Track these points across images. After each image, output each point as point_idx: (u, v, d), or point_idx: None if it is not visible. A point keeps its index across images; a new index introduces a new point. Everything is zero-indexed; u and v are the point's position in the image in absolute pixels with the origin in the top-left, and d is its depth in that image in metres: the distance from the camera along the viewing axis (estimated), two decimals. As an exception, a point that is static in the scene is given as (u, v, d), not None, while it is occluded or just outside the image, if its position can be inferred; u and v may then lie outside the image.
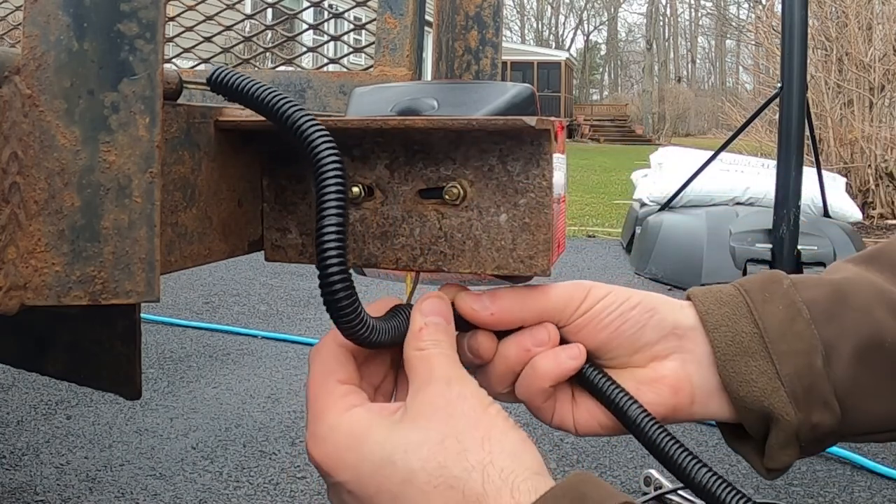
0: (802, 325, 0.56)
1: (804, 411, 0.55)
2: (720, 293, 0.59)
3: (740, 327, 0.57)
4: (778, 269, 2.99)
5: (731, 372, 0.56)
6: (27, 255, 0.46)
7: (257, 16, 1.32)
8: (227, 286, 4.15)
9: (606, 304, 0.58)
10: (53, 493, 1.86)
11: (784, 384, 0.55)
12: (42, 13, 0.45)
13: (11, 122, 0.45)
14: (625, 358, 0.59)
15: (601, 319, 0.57)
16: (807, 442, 0.56)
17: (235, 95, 0.53)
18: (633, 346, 0.58)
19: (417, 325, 0.53)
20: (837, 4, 8.22)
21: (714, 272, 4.25)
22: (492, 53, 1.05)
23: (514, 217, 0.55)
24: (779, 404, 0.55)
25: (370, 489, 0.48)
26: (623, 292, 0.59)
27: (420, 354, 0.52)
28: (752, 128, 7.18)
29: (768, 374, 0.55)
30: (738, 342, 0.57)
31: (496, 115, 0.57)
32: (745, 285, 0.59)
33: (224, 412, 2.42)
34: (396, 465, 0.48)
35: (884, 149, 7.83)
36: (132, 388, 0.91)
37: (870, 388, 0.56)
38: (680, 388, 0.58)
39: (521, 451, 0.49)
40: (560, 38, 50.69)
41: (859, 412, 0.56)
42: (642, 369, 0.59)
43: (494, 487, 0.46)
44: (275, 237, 0.62)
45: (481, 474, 0.47)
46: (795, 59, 4.10)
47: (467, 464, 0.47)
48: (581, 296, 0.58)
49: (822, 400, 0.55)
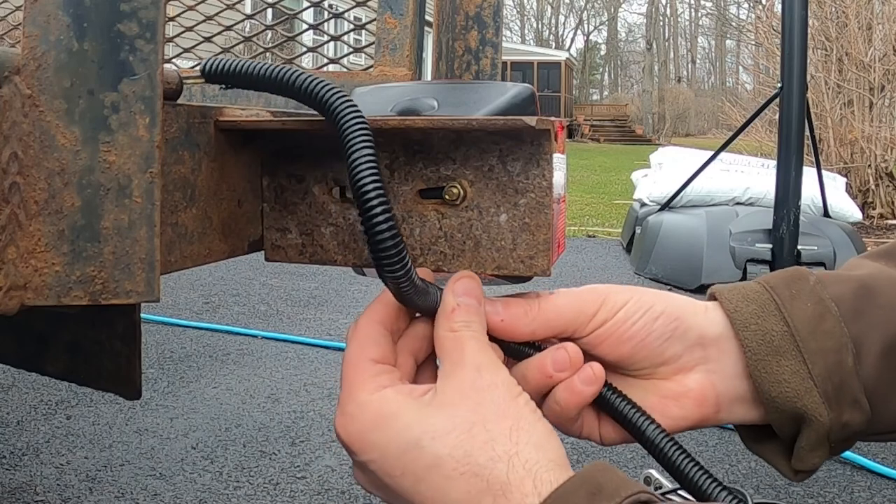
0: (832, 323, 0.55)
1: (836, 411, 0.54)
2: (746, 290, 0.57)
3: (769, 325, 0.55)
4: (778, 269, 3.00)
5: (763, 372, 0.55)
6: (27, 255, 0.46)
7: (257, 16, 1.32)
8: (227, 286, 4.15)
9: (628, 315, 0.55)
10: (53, 493, 1.86)
11: (816, 384, 0.54)
12: (42, 13, 0.45)
13: (11, 122, 0.45)
14: (649, 370, 0.57)
15: (624, 332, 0.55)
16: (836, 442, 0.55)
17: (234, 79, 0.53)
18: (659, 358, 0.56)
19: (450, 305, 0.52)
20: (837, 4, 8.22)
21: (714, 272, 4.25)
22: (492, 53, 1.05)
23: (514, 217, 0.55)
24: (812, 405, 0.54)
25: (396, 470, 0.49)
26: (644, 299, 0.56)
27: (452, 336, 0.52)
28: (752, 128, 7.18)
29: (801, 374, 0.54)
30: (769, 341, 0.55)
31: (496, 115, 0.57)
32: (771, 282, 0.57)
33: (224, 412, 2.42)
34: (424, 450, 0.48)
35: (884, 149, 7.83)
36: (132, 388, 0.91)
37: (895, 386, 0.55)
38: (705, 399, 0.57)
39: (545, 442, 0.49)
40: (560, 38, 50.69)
41: (886, 410, 0.55)
42: (666, 382, 0.57)
43: (518, 477, 0.47)
44: (275, 237, 0.62)
45: (507, 464, 0.47)
46: (795, 59, 4.10)
47: (493, 453, 0.47)
48: (595, 305, 0.55)
49: (852, 398, 0.54)
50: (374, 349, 0.53)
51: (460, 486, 0.47)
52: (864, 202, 7.64)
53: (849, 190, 6.26)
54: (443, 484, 0.47)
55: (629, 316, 0.55)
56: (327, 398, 2.57)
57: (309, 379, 2.76)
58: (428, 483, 0.48)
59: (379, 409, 0.50)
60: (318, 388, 2.67)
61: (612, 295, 0.56)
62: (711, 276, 4.25)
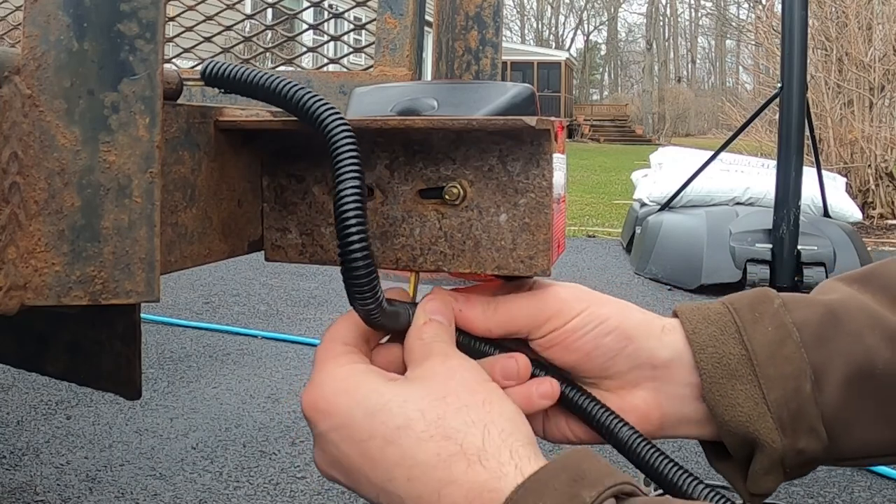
0: (792, 348, 0.54)
1: (790, 437, 0.53)
2: (708, 311, 0.57)
3: (728, 349, 0.55)
4: (778, 269, 3.01)
5: (716, 395, 0.55)
6: (27, 255, 0.46)
7: (257, 16, 1.32)
8: (227, 286, 4.15)
9: (578, 326, 0.55)
10: (53, 493, 1.86)
11: (771, 410, 0.53)
12: (42, 13, 0.45)
13: (11, 122, 0.45)
14: (594, 381, 0.57)
15: (572, 342, 0.55)
16: (792, 468, 0.55)
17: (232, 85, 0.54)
18: (605, 372, 0.57)
19: (421, 320, 0.54)
20: (837, 4, 8.22)
21: (714, 272, 4.25)
22: (492, 53, 1.05)
23: (514, 217, 0.55)
24: (764, 430, 0.53)
25: (362, 433, 0.47)
26: (601, 312, 0.56)
27: (421, 343, 0.53)
28: (752, 128, 7.18)
29: (755, 398, 0.54)
30: (726, 364, 0.55)
31: (496, 115, 0.57)
32: (735, 304, 0.57)
33: (224, 412, 2.42)
34: (392, 412, 0.47)
35: (884, 149, 7.83)
36: (132, 388, 0.91)
37: (859, 415, 0.54)
38: (648, 417, 0.57)
39: (518, 419, 0.49)
40: (560, 38, 50.70)
41: (847, 438, 0.55)
42: (611, 394, 0.57)
43: (494, 445, 0.46)
44: (275, 237, 0.62)
45: (482, 431, 0.46)
46: (795, 59, 4.10)
47: (468, 419, 0.47)
48: (551, 311, 0.55)
49: (808, 426, 0.54)
50: (346, 334, 0.54)
51: (430, 448, 0.46)
52: (864, 202, 7.65)
53: (849, 190, 6.27)
54: (412, 446, 0.46)
55: (579, 327, 0.55)
56: (327, 398, 2.57)
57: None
58: (396, 445, 0.46)
59: (347, 374, 0.50)
60: (318, 388, 2.67)
61: (571, 302, 0.56)
62: (711, 275, 4.25)
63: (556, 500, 0.43)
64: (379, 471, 0.47)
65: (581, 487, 0.44)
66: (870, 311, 0.56)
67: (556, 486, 0.44)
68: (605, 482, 0.44)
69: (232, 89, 0.54)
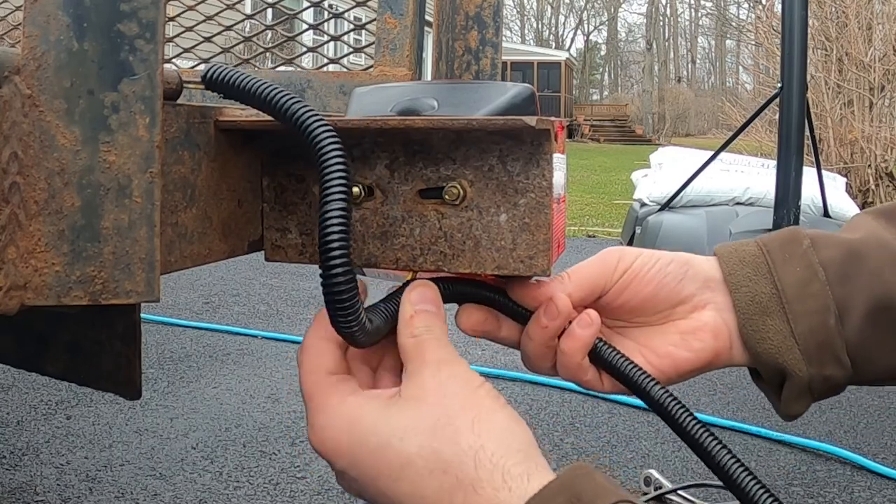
0: (818, 287, 0.60)
1: (816, 367, 0.59)
2: (744, 252, 0.63)
3: (760, 287, 0.61)
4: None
5: (749, 330, 0.61)
6: (27, 255, 0.46)
7: (257, 16, 1.32)
8: (227, 286, 4.15)
9: (644, 262, 0.62)
10: (53, 493, 1.86)
11: (798, 342, 0.59)
12: (42, 13, 0.45)
13: (11, 122, 0.45)
14: (668, 311, 0.63)
15: (643, 276, 0.62)
16: (819, 392, 0.60)
17: (232, 92, 0.53)
18: (677, 297, 0.63)
19: (408, 313, 0.54)
20: (837, 4, 8.22)
21: (714, 272, 4.25)
22: (492, 53, 1.05)
23: (514, 217, 0.55)
24: (792, 361, 0.59)
25: (371, 471, 0.50)
26: (653, 253, 0.63)
27: (414, 341, 0.53)
28: (752, 128, 7.18)
29: (783, 332, 0.60)
30: (758, 301, 0.61)
31: (496, 115, 0.57)
32: (768, 245, 0.63)
33: (224, 412, 2.42)
34: (394, 449, 0.50)
35: (884, 149, 7.83)
36: (132, 388, 0.91)
37: (879, 344, 0.60)
38: (719, 333, 0.62)
39: (508, 433, 0.50)
40: (560, 38, 50.68)
41: (870, 365, 0.60)
42: (684, 321, 0.63)
43: (486, 471, 0.48)
44: (275, 237, 0.62)
45: (473, 459, 0.49)
46: (795, 59, 4.10)
47: (458, 448, 0.49)
48: (614, 260, 0.62)
49: (833, 356, 0.59)
50: (327, 362, 0.55)
51: (432, 483, 0.49)
52: (864, 202, 7.64)
53: (849, 190, 6.27)
54: (417, 481, 0.49)
55: (645, 262, 0.62)
56: (327, 398, 2.57)
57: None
58: (404, 481, 0.49)
59: (346, 415, 0.52)
60: (318, 388, 2.67)
61: (625, 251, 0.63)
62: (711, 276, 4.24)
63: None
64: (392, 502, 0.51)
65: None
66: (891, 248, 0.62)
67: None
68: (599, 502, 0.46)
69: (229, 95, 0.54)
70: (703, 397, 2.65)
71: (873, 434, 2.37)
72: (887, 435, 2.37)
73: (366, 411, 0.52)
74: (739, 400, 2.63)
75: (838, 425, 2.43)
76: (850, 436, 2.35)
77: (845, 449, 2.20)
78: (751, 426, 2.35)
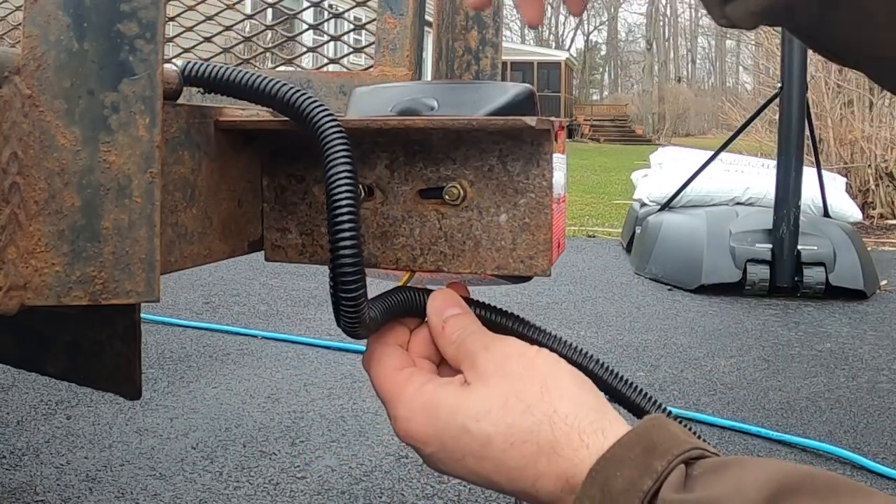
0: None
1: None
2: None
3: None
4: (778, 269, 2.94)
5: None
6: (27, 255, 0.46)
7: (257, 16, 1.32)
8: (227, 286, 4.15)
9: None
10: (53, 493, 1.86)
11: None
12: (42, 13, 0.45)
13: (11, 122, 0.45)
14: None
15: None
16: None
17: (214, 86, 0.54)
18: None
19: (438, 326, 0.56)
20: (837, 4, 8.20)
21: (714, 272, 4.25)
22: (492, 53, 1.05)
23: (514, 217, 0.55)
24: None
25: (457, 454, 0.53)
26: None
27: (454, 347, 0.55)
28: (752, 128, 7.18)
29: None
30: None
31: (496, 115, 0.57)
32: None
33: (224, 412, 2.42)
34: (472, 433, 0.52)
35: (884, 149, 7.83)
36: (132, 388, 0.91)
37: None
38: None
39: (577, 393, 0.52)
40: (560, 38, 50.68)
41: None
42: None
43: (563, 433, 0.50)
44: (275, 237, 0.62)
45: (549, 424, 0.51)
46: (795, 59, 4.10)
47: (533, 418, 0.51)
48: None
49: None
50: (395, 361, 0.57)
51: (515, 454, 0.51)
52: (864, 202, 7.64)
53: (849, 190, 6.26)
54: (501, 456, 0.52)
55: None
56: (327, 398, 2.57)
57: (309, 379, 2.76)
58: (488, 459, 0.52)
59: (426, 402, 0.54)
60: (318, 388, 2.67)
61: None
62: (711, 276, 4.24)
63: (631, 472, 0.47)
64: (483, 477, 0.53)
65: (653, 458, 0.47)
66: None
67: (630, 457, 0.48)
68: (674, 451, 0.47)
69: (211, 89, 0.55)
70: (703, 397, 2.65)
71: (873, 434, 2.37)
72: (887, 435, 2.37)
73: (443, 397, 0.54)
74: (739, 400, 2.62)
75: (838, 425, 2.43)
76: (850, 436, 2.35)
77: (845, 449, 2.20)
78: (751, 426, 2.35)
